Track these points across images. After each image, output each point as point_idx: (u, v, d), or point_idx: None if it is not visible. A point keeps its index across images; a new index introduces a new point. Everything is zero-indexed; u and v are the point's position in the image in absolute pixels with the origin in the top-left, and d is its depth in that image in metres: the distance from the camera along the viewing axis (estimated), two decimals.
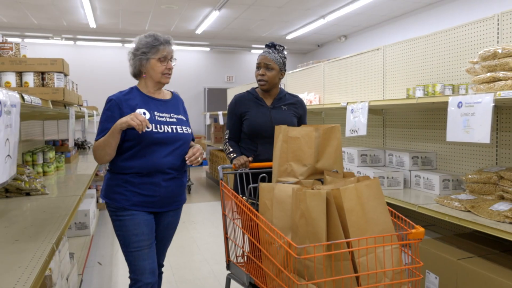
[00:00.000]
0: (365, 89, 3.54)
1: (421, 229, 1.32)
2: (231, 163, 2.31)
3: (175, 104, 2.13)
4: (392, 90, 3.20)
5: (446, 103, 1.95)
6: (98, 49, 10.70)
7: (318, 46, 11.93)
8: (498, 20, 2.24)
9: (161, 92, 2.12)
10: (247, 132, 2.43)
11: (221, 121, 7.07)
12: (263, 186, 1.52)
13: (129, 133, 1.93)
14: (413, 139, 3.02)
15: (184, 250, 4.06)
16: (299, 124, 2.51)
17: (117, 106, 1.97)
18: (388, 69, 3.21)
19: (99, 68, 10.61)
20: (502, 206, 1.86)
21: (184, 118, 2.11)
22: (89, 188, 4.64)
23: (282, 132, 1.84)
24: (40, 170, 3.38)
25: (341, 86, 3.98)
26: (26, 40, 9.82)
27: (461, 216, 1.90)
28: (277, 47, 2.44)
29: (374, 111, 3.17)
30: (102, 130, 1.93)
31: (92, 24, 9.07)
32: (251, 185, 1.89)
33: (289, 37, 10.58)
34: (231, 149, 2.43)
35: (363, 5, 7.58)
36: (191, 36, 10.54)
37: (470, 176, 2.18)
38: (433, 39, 2.76)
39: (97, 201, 4.89)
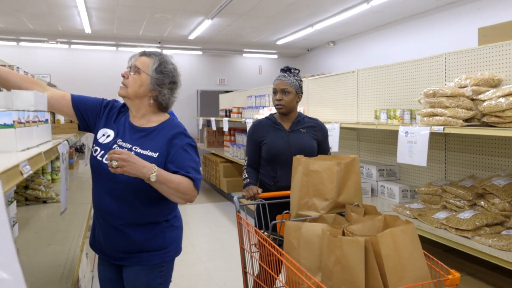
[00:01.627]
0: (343, 106, 3.96)
1: (457, 275, 1.34)
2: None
3: (153, 135, 1.69)
4: (364, 110, 3.63)
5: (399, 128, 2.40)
6: (93, 53, 10.99)
7: (308, 50, 12.36)
8: (445, 59, 2.67)
9: (147, 118, 1.75)
10: (265, 157, 2.42)
11: (214, 126, 7.47)
12: (289, 224, 1.49)
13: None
14: (382, 153, 3.46)
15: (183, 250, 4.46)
16: (319, 148, 2.49)
17: (106, 105, 1.78)
18: (362, 90, 3.64)
19: (93, 71, 10.90)
20: (442, 215, 2.31)
21: (154, 155, 1.63)
22: None
23: (302, 164, 1.77)
24: (49, 178, 3.74)
25: (323, 102, 4.41)
26: (21, 43, 10.09)
27: None
28: (292, 70, 2.43)
29: (350, 128, 3.59)
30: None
31: (88, 30, 9.37)
32: (274, 222, 1.79)
33: (279, 42, 10.99)
34: (247, 175, 2.42)
35: (348, 17, 8.01)
36: (184, 41, 10.89)
37: (422, 189, 2.62)
38: (397, 68, 3.19)
39: None
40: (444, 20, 7.07)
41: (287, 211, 1.75)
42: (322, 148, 2.51)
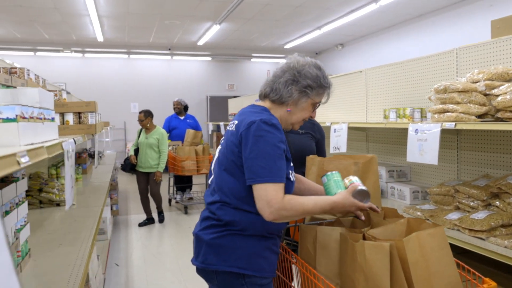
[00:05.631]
0: (351, 107, 3.94)
1: (492, 284, 1.21)
2: None
3: None
4: (373, 110, 3.60)
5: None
6: (105, 61, 11.16)
7: (316, 54, 12.34)
8: (456, 54, 2.63)
9: None
10: None
11: (223, 131, 7.53)
12: (303, 227, 1.38)
13: None
14: (392, 154, 3.42)
15: (190, 253, 4.45)
16: (317, 148, 2.45)
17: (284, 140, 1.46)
18: (370, 90, 3.61)
19: (106, 79, 11.07)
20: (454, 216, 2.26)
21: None
22: None
23: (316, 165, 1.65)
24: (63, 181, 3.80)
25: (330, 103, 4.38)
26: (38, 53, 10.29)
27: None
28: None
29: (359, 128, 3.56)
30: (279, 170, 1.34)
31: (100, 38, 9.52)
32: (288, 225, 1.65)
33: (287, 46, 11.01)
34: None
35: (356, 18, 7.99)
36: (193, 47, 11.00)
37: (433, 189, 2.57)
38: (406, 66, 3.15)
39: (111, 209, 5.32)
40: (455, 18, 7.00)
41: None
42: (319, 149, 2.48)
